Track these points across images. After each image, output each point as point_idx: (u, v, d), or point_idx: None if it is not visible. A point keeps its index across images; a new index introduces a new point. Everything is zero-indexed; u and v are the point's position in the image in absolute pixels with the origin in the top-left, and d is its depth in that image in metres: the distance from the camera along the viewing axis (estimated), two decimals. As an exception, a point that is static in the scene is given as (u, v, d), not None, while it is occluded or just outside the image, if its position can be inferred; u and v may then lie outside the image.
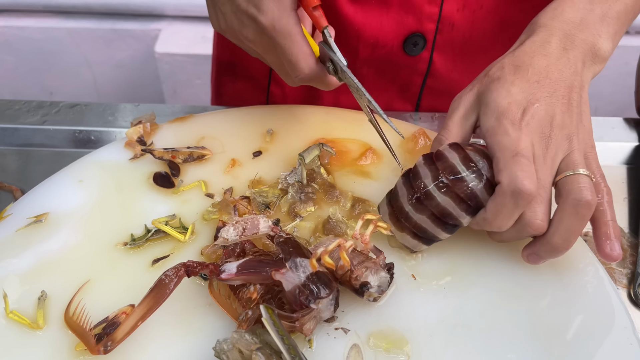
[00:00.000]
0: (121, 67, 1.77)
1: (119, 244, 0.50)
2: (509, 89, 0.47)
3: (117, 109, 0.71)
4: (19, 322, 0.45)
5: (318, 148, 0.56)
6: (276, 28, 0.49)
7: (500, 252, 0.49)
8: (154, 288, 0.42)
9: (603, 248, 0.46)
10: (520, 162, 0.44)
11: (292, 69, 0.51)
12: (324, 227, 0.51)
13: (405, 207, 0.46)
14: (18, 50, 1.75)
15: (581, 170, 0.45)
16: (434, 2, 0.63)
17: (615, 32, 0.51)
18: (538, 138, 0.46)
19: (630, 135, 0.69)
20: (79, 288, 0.47)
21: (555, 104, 0.47)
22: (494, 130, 0.46)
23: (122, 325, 0.41)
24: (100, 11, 1.68)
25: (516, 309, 0.46)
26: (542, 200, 0.45)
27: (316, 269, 0.42)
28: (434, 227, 0.46)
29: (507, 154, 0.45)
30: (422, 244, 0.48)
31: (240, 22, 0.51)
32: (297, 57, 0.50)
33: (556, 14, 0.51)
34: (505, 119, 0.46)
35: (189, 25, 1.70)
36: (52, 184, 0.56)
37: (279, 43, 0.50)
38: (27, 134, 0.69)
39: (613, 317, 0.45)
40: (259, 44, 0.52)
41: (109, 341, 0.41)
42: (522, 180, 0.43)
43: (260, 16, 0.49)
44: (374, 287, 0.44)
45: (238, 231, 0.47)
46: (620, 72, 1.53)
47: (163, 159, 0.57)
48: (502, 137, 0.45)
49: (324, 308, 0.42)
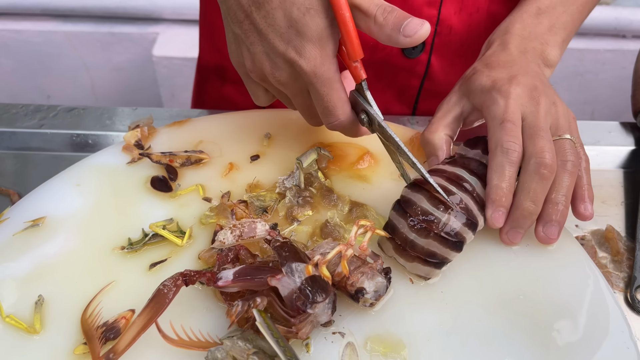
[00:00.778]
0: (119, 70, 1.77)
1: (116, 248, 0.50)
2: (488, 74, 0.53)
3: (115, 113, 0.71)
4: (16, 326, 0.45)
5: (316, 152, 0.56)
6: (317, 74, 0.47)
7: (497, 257, 0.50)
8: (152, 298, 0.42)
9: (578, 208, 0.51)
10: (506, 128, 0.49)
11: (328, 115, 0.50)
12: (321, 231, 0.51)
13: (410, 236, 0.46)
14: (16, 54, 1.75)
15: (566, 135, 0.51)
16: (433, 5, 0.64)
17: (563, 39, 0.58)
18: (527, 100, 0.50)
19: (627, 139, 0.69)
20: (101, 289, 0.46)
21: (534, 78, 0.52)
22: (484, 104, 0.52)
23: (123, 336, 0.41)
24: (98, 14, 1.68)
25: (513, 314, 0.46)
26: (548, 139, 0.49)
27: (310, 274, 0.42)
28: (442, 248, 0.45)
29: (495, 123, 0.50)
30: (434, 269, 0.46)
31: (273, 64, 0.48)
32: (336, 104, 0.49)
33: (508, 29, 0.57)
34: (494, 90, 0.51)
35: (187, 28, 1.70)
36: (49, 188, 0.55)
37: (319, 89, 0.48)
38: (24, 137, 0.69)
39: (610, 321, 0.45)
40: (290, 87, 0.50)
41: (111, 353, 0.41)
42: (507, 142, 0.48)
43: (301, 60, 0.46)
44: (369, 293, 0.44)
45: (235, 234, 0.47)
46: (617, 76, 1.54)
47: (160, 162, 0.57)
48: (492, 107, 0.51)
49: (321, 312, 0.42)
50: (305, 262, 0.43)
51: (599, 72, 1.56)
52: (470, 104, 0.54)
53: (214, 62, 0.78)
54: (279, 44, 0.47)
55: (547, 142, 0.49)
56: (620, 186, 0.64)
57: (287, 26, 0.46)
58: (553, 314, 0.46)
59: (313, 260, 0.42)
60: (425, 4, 0.64)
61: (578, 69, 1.56)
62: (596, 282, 0.48)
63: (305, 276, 0.42)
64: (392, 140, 0.49)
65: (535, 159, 0.48)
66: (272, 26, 0.46)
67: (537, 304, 0.46)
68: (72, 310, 0.46)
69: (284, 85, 0.50)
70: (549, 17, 0.58)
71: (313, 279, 0.42)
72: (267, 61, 0.48)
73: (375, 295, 0.44)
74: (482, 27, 0.68)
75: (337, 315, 0.45)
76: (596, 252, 0.56)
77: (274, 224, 0.50)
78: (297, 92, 0.51)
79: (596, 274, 0.49)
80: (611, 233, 0.57)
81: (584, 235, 0.58)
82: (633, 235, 0.58)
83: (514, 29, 0.57)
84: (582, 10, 0.61)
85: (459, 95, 0.55)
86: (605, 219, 0.60)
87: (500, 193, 0.48)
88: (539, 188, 0.48)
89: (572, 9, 0.59)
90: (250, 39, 0.48)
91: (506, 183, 0.48)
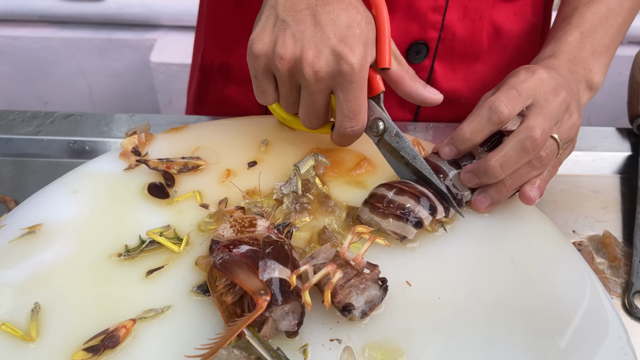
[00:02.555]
0: (116, 76, 1.77)
1: (113, 255, 0.50)
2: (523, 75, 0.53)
3: (112, 119, 0.71)
4: (12, 334, 0.44)
5: (313, 158, 0.56)
6: (359, 74, 0.49)
7: (494, 263, 0.50)
8: (229, 269, 0.43)
9: (524, 190, 0.52)
10: (510, 93, 0.50)
11: (351, 119, 0.51)
12: (319, 238, 0.51)
13: (388, 195, 0.50)
14: (13, 60, 1.75)
15: (556, 135, 0.52)
16: (437, 11, 0.65)
17: (605, 64, 0.60)
18: (550, 88, 0.51)
19: (624, 145, 0.70)
20: None
21: (565, 89, 0.53)
22: (508, 78, 0.53)
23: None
24: (96, 21, 1.68)
25: (511, 320, 0.46)
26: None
27: (294, 286, 0.41)
28: (415, 204, 0.49)
29: (505, 88, 0.51)
30: (410, 227, 0.49)
31: (317, 53, 0.49)
32: (362, 109, 0.51)
33: (555, 53, 0.58)
34: (522, 69, 0.53)
35: (184, 35, 1.70)
36: (46, 195, 0.55)
37: (354, 90, 0.49)
38: (21, 144, 0.69)
39: (607, 326, 0.45)
40: (318, 83, 0.50)
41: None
42: (500, 103, 0.50)
43: (351, 56, 0.48)
44: (357, 309, 0.43)
45: (235, 229, 0.47)
46: (613, 82, 1.54)
47: (158, 169, 0.57)
48: (511, 77, 0.52)
49: (279, 317, 0.41)
50: (286, 266, 0.43)
51: (595, 78, 1.56)
52: None
53: (219, 61, 0.78)
54: (333, 37, 0.48)
55: (546, 124, 0.50)
56: (617, 192, 0.64)
57: (347, 26, 0.49)
58: (551, 320, 0.46)
59: (298, 271, 0.42)
60: (430, 10, 0.64)
61: (574, 75, 1.57)
62: (594, 288, 0.48)
63: (277, 276, 0.41)
64: (407, 150, 0.52)
65: (527, 131, 0.49)
66: (333, 21, 0.49)
67: (535, 310, 0.46)
68: (69, 318, 0.45)
69: (314, 79, 0.49)
70: (591, 41, 0.59)
71: (281, 280, 0.41)
72: (312, 49, 0.49)
73: (366, 308, 0.44)
74: (484, 33, 0.68)
75: (335, 322, 0.44)
76: (593, 258, 0.56)
77: (285, 223, 0.50)
78: (319, 91, 0.51)
79: (594, 280, 0.49)
80: (608, 239, 0.57)
81: (581, 240, 0.58)
82: (630, 240, 0.58)
83: (561, 52, 0.58)
84: (620, 30, 0.62)
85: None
86: (603, 224, 0.60)
87: (461, 134, 0.51)
88: (514, 156, 0.49)
89: (611, 31, 0.60)
90: (301, 26, 0.49)
91: (471, 131, 0.51)
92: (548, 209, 0.61)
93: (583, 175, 0.66)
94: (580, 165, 0.68)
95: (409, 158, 0.52)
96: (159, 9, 1.66)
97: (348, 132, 0.52)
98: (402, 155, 0.53)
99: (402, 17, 0.65)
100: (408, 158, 0.52)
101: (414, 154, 0.52)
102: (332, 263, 0.43)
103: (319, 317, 0.45)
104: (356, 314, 0.43)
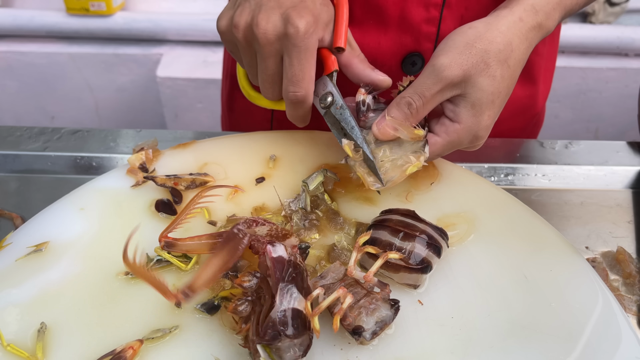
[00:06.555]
0: (123, 91, 1.78)
1: (121, 273, 0.49)
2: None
3: (119, 135, 0.71)
4: (17, 355, 0.44)
5: (322, 174, 0.55)
6: (304, 40, 0.51)
7: (508, 282, 0.49)
8: (227, 242, 0.44)
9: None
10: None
11: (294, 84, 0.53)
12: (328, 255, 0.51)
13: (396, 243, 0.48)
14: (20, 75, 1.76)
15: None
16: (431, 22, 0.64)
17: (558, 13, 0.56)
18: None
19: (635, 159, 0.69)
20: (131, 233, 0.44)
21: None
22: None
23: (200, 275, 0.41)
24: (102, 36, 1.69)
25: (525, 340, 0.45)
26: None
27: (311, 320, 0.40)
28: (424, 249, 0.48)
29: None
30: (420, 274, 0.47)
31: (267, 18, 0.51)
32: (305, 76, 0.53)
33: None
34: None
35: (190, 49, 1.71)
36: (52, 212, 0.55)
37: (297, 55, 0.51)
38: (28, 160, 0.68)
39: (624, 346, 0.44)
40: (268, 47, 0.52)
41: (187, 289, 0.41)
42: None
43: (298, 20, 0.50)
44: (367, 331, 0.42)
45: (269, 234, 0.46)
46: (620, 95, 1.54)
47: (165, 186, 0.57)
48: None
49: (285, 348, 0.40)
50: (301, 292, 0.41)
51: (602, 91, 1.56)
52: None
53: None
54: (285, 5, 0.52)
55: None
56: (629, 207, 0.64)
57: (301, 0, 0.52)
58: (566, 339, 0.45)
59: (311, 296, 0.41)
60: (423, 22, 0.64)
61: (581, 87, 1.56)
62: (609, 305, 0.47)
63: (295, 307, 0.40)
64: (347, 121, 0.55)
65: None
66: None
67: (550, 329, 0.45)
68: (76, 338, 0.45)
69: (264, 42, 0.52)
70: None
71: (297, 312, 0.40)
72: (263, 15, 0.51)
73: (379, 325, 0.43)
74: None
75: (346, 343, 0.44)
76: (607, 275, 0.55)
77: (307, 245, 0.50)
78: (270, 55, 0.53)
79: (609, 298, 0.48)
80: (622, 255, 0.56)
81: (594, 257, 0.57)
82: (645, 257, 0.57)
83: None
84: None
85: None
86: (616, 240, 0.59)
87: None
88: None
89: None
90: (258, 0, 0.52)
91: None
92: (560, 224, 0.60)
93: (595, 190, 0.66)
94: (592, 180, 0.67)
95: (347, 128, 0.55)
96: (165, 24, 1.67)
97: (291, 96, 0.53)
98: (342, 125, 0.55)
99: (396, 29, 0.65)
100: (347, 128, 0.55)
101: (352, 125, 0.54)
102: (342, 287, 0.42)
103: (330, 338, 0.44)
104: (366, 336, 0.42)
